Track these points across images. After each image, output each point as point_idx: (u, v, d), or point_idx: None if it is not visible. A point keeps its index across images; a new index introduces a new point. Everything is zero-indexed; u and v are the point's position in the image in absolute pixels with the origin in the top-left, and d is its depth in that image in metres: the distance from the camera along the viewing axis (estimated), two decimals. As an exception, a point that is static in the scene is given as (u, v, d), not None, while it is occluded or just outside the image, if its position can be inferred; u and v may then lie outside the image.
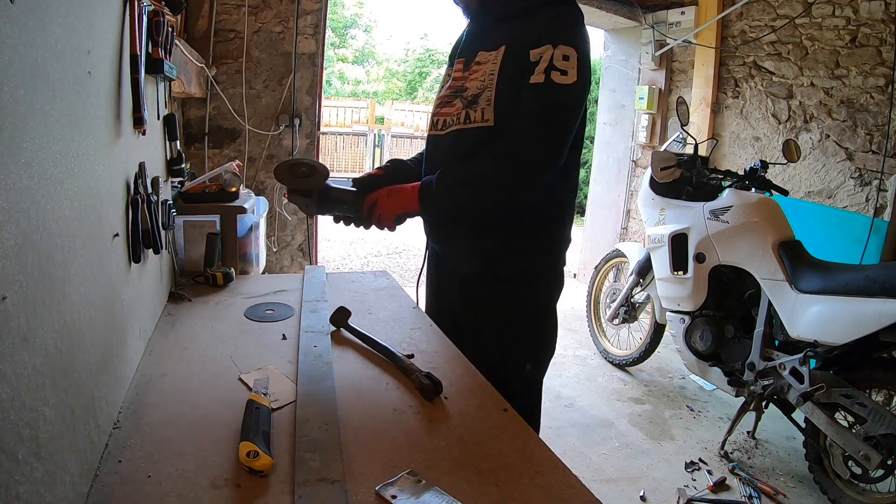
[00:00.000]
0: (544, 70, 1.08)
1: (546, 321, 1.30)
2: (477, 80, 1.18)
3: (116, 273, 0.90)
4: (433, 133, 1.29)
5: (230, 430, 0.85)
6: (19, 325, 0.51)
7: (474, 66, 1.21)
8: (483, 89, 1.16)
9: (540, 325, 1.29)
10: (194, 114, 2.99)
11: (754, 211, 2.32)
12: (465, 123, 1.19)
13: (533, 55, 1.09)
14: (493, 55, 1.17)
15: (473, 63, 1.21)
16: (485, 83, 1.16)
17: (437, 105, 1.30)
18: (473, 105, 1.18)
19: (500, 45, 1.16)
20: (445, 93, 1.27)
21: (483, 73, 1.17)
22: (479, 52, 1.20)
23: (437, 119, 1.28)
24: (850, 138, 2.96)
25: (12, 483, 0.49)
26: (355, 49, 16.79)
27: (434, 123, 1.29)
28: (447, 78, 1.30)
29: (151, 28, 1.07)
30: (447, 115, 1.24)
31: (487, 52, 1.18)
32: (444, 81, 1.32)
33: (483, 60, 1.19)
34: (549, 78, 1.07)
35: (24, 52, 0.53)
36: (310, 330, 1.22)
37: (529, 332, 1.27)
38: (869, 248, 2.69)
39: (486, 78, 1.16)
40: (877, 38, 2.80)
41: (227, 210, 1.68)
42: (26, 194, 0.54)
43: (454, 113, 1.21)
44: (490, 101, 1.15)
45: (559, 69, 1.08)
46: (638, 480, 2.16)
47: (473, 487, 0.76)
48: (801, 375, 2.06)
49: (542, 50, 1.09)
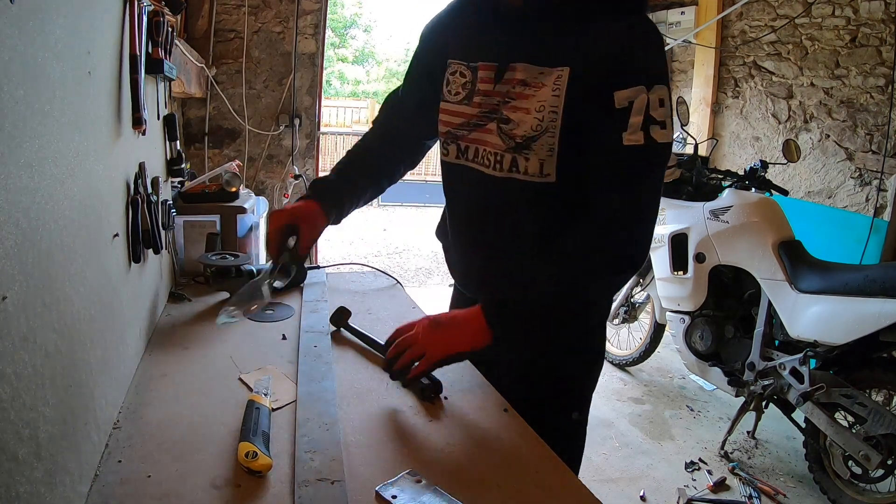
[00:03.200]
0: (641, 125, 0.84)
1: (597, 368, 1.15)
2: (526, 112, 0.91)
3: (116, 273, 0.90)
4: (466, 164, 1.01)
5: (230, 431, 0.85)
6: (19, 325, 0.51)
7: (518, 87, 0.92)
8: (541, 133, 0.90)
9: (589, 374, 1.14)
10: (194, 114, 2.99)
11: (754, 211, 2.32)
12: (512, 171, 0.94)
13: (619, 99, 0.84)
14: (545, 76, 0.90)
15: (515, 80, 0.92)
16: (543, 124, 0.90)
17: (458, 123, 1.01)
18: (525, 151, 0.92)
19: (559, 65, 0.89)
20: (468, 109, 0.99)
21: (536, 106, 0.90)
22: (517, 63, 0.92)
23: (467, 147, 1.01)
24: (850, 138, 2.95)
25: (12, 483, 0.49)
26: (355, 49, 16.79)
27: (463, 150, 1.01)
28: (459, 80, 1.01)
29: (151, 28, 1.07)
30: (483, 144, 0.97)
31: (536, 69, 0.90)
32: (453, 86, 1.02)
33: (531, 81, 0.91)
34: (649, 136, 0.84)
35: (24, 52, 0.53)
36: (310, 330, 1.22)
37: (577, 382, 1.12)
38: (869, 248, 2.68)
39: (546, 116, 0.89)
40: (877, 38, 2.80)
41: (227, 210, 1.68)
42: (26, 194, 0.54)
43: (495, 151, 0.96)
44: (553, 153, 0.91)
45: (657, 121, 0.84)
46: (638, 480, 2.16)
47: (473, 487, 0.76)
48: (801, 375, 2.06)
49: (633, 93, 0.84)
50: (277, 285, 1.05)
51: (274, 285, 1.04)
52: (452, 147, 1.04)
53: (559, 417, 1.07)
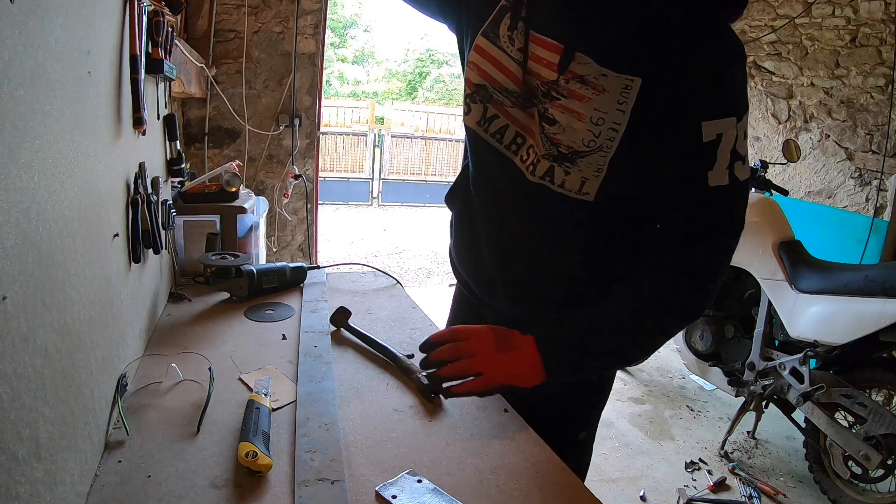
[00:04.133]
0: (728, 162, 0.72)
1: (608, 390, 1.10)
2: (579, 118, 0.76)
3: (116, 273, 0.90)
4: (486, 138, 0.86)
5: (230, 431, 0.85)
6: (19, 325, 0.51)
7: (574, 84, 0.76)
8: (593, 150, 0.77)
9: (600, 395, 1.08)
10: (194, 114, 2.99)
11: (754, 211, 2.32)
12: (545, 179, 0.82)
13: (708, 131, 0.71)
14: (609, 81, 0.74)
15: (572, 74, 0.76)
16: (598, 140, 0.76)
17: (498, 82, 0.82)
18: (567, 164, 0.79)
19: (629, 72, 0.73)
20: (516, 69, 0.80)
21: (593, 116, 0.75)
22: (583, 55, 0.75)
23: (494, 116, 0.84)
24: (850, 138, 2.95)
25: (12, 483, 0.49)
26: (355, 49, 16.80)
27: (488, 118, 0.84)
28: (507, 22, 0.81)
29: (151, 28, 1.07)
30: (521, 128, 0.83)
31: (599, 68, 0.74)
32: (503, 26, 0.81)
33: (591, 80, 0.75)
34: (734, 176, 0.73)
35: (24, 52, 0.53)
36: (310, 330, 1.22)
37: (586, 405, 1.06)
38: (869, 248, 2.69)
39: (604, 133, 0.75)
40: (877, 38, 2.80)
41: (227, 210, 1.68)
42: (26, 194, 0.54)
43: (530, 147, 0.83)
44: (600, 173, 0.78)
45: (742, 157, 0.74)
46: (638, 480, 2.16)
47: (473, 487, 0.76)
48: (801, 375, 2.06)
49: (723, 126, 0.71)
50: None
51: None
52: (477, 108, 0.85)
53: (566, 437, 1.00)
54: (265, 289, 1.42)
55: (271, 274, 1.43)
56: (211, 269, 1.41)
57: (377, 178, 9.02)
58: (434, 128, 10.45)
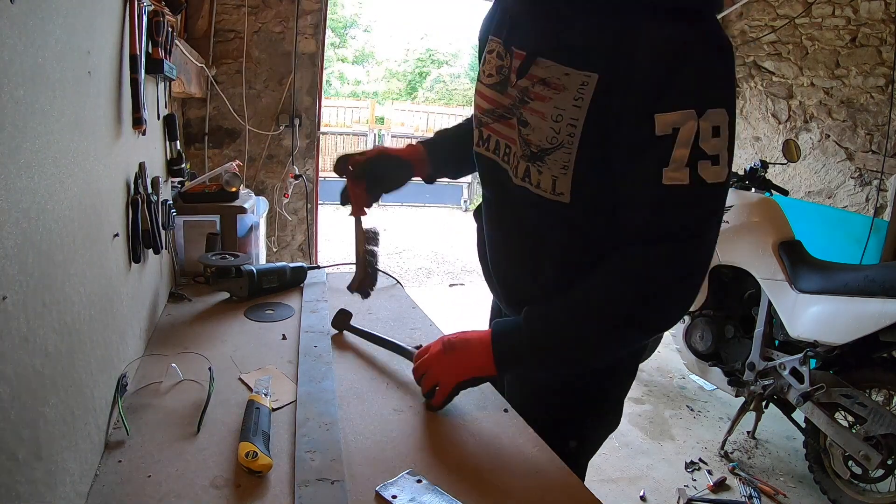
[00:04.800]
0: (687, 160, 0.68)
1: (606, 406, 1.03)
2: (542, 117, 0.79)
3: (116, 273, 0.90)
4: (490, 156, 0.92)
5: (230, 431, 0.85)
6: (19, 325, 0.51)
7: (538, 87, 0.79)
8: (556, 146, 0.78)
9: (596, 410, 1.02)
10: (194, 114, 2.99)
11: (754, 211, 2.32)
12: (525, 180, 0.84)
13: (662, 124, 0.68)
14: (569, 78, 0.75)
15: (536, 77, 0.79)
16: (559, 136, 0.77)
17: (485, 108, 0.90)
18: (538, 162, 0.81)
19: (587, 68, 0.73)
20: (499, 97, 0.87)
21: (553, 113, 0.77)
22: (542, 59, 0.78)
23: (490, 136, 0.91)
24: (850, 138, 2.95)
25: (12, 483, 0.49)
26: (355, 49, 16.80)
27: (485, 139, 0.92)
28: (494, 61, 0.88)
29: (151, 28, 1.07)
30: (509, 140, 0.86)
31: (561, 68, 0.76)
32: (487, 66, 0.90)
33: (552, 81, 0.77)
34: (696, 175, 0.69)
35: (24, 52, 0.53)
36: (310, 330, 1.22)
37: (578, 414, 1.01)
38: (869, 248, 2.69)
39: (563, 128, 0.76)
40: (877, 38, 2.80)
41: (227, 210, 1.69)
42: (26, 194, 0.54)
43: (514, 151, 0.85)
44: (567, 171, 0.78)
45: (708, 155, 0.68)
46: (638, 480, 2.16)
47: (473, 487, 0.76)
48: (801, 375, 2.06)
49: (679, 119, 0.68)
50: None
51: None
52: (476, 133, 0.94)
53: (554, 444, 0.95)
54: (265, 289, 1.42)
55: (271, 274, 1.44)
56: (211, 269, 1.41)
57: (377, 178, 9.01)
58: (434, 128, 10.45)
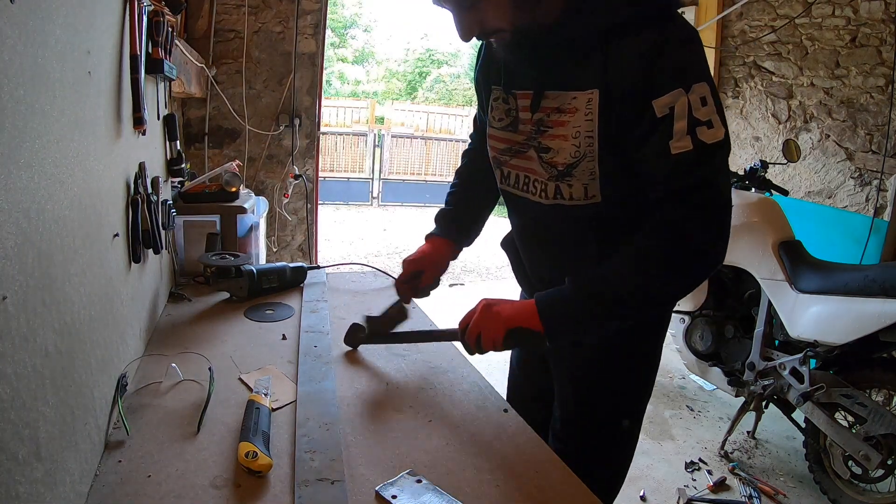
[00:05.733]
0: (687, 130, 0.81)
1: (653, 376, 1.12)
2: (563, 139, 0.90)
3: (116, 273, 0.90)
4: (513, 191, 1.03)
5: (230, 431, 0.85)
6: (19, 325, 0.51)
7: (554, 115, 0.91)
8: (579, 159, 0.89)
9: (645, 372, 1.10)
10: (194, 114, 2.99)
11: (754, 211, 2.32)
12: (557, 198, 0.94)
13: (659, 108, 0.81)
14: (577, 100, 0.88)
15: (550, 108, 0.92)
16: (581, 150, 0.89)
17: (501, 148, 1.02)
18: (567, 178, 0.92)
19: (588, 87, 0.87)
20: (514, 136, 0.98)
21: (572, 132, 0.89)
22: (550, 91, 0.92)
23: (510, 172, 1.02)
24: (850, 138, 2.95)
25: (12, 483, 0.49)
26: (355, 49, 16.79)
27: (506, 176, 1.04)
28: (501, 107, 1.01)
29: (151, 28, 1.07)
30: (528, 171, 0.98)
31: (568, 94, 0.89)
32: (496, 112, 1.03)
33: (565, 107, 0.89)
34: (698, 139, 0.81)
35: (24, 52, 0.53)
36: (310, 330, 1.22)
37: (631, 383, 1.09)
38: (869, 248, 2.68)
39: (583, 142, 0.88)
40: (877, 38, 2.79)
41: (227, 210, 1.68)
42: (26, 194, 0.54)
43: (538, 178, 0.96)
44: (595, 176, 0.89)
45: (702, 121, 0.81)
46: (638, 480, 2.16)
47: (473, 487, 0.76)
48: (801, 375, 2.06)
49: (672, 98, 0.80)
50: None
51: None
52: (497, 172, 1.07)
53: (610, 424, 1.08)
54: (265, 289, 1.42)
55: (271, 274, 1.44)
56: (211, 269, 1.41)
57: (377, 178, 9.02)
58: (434, 128, 10.45)
